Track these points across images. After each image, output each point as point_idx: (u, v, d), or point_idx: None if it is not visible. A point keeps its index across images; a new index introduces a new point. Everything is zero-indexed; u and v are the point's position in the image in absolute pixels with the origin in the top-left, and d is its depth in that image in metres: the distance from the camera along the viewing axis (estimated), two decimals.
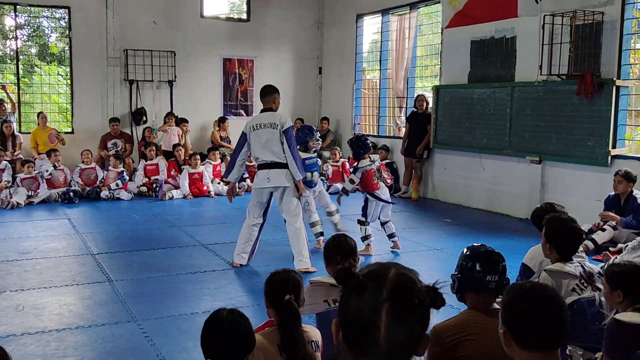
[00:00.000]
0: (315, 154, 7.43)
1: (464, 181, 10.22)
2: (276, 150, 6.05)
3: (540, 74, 8.44)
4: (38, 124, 11.49)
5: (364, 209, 6.96)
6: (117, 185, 10.37)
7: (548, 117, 8.56)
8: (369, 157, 7.01)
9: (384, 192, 6.94)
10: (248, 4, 13.46)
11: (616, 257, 5.56)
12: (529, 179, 8.96)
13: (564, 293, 3.24)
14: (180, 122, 12.08)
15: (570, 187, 8.39)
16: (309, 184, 6.91)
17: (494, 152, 9.48)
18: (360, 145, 7.04)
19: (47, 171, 10.16)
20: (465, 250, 2.87)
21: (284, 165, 6.06)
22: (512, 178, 9.27)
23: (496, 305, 2.74)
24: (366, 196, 6.97)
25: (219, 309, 2.50)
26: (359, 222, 6.98)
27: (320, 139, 7.47)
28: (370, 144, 7.23)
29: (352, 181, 6.98)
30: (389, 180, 7.14)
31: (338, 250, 3.47)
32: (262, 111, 6.28)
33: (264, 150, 6.08)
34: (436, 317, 2.75)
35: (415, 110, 10.98)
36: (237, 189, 6.77)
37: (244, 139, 6.20)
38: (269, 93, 6.25)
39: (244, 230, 6.28)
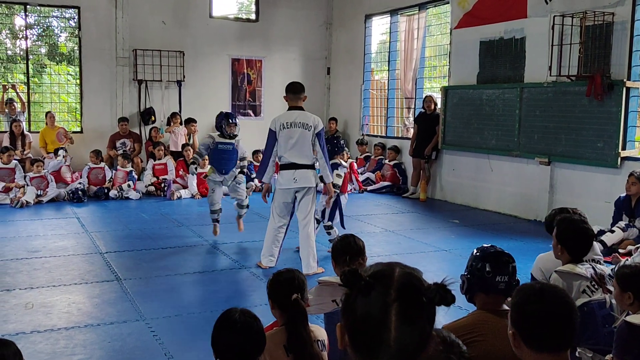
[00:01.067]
0: (233, 140, 7.34)
1: (473, 182, 10.19)
2: (306, 152, 5.95)
3: (550, 75, 8.40)
4: (46, 124, 11.55)
5: (332, 212, 6.86)
6: (128, 186, 10.40)
7: (557, 119, 8.53)
8: (340, 160, 7.02)
9: (345, 198, 7.12)
10: (257, 4, 13.47)
11: (627, 259, 5.53)
12: (537, 181, 8.92)
13: (574, 295, 3.23)
14: (189, 122, 12.11)
15: (579, 188, 8.35)
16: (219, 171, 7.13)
17: (503, 153, 9.45)
18: (334, 144, 7.05)
19: (63, 160, 10.26)
20: (475, 250, 2.86)
21: (310, 167, 6.00)
22: (521, 179, 9.24)
23: (506, 307, 2.72)
24: (336, 198, 6.94)
25: (230, 309, 2.48)
26: (327, 227, 6.89)
27: (237, 125, 7.52)
28: (343, 148, 7.23)
29: (339, 175, 6.87)
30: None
31: (347, 251, 3.45)
32: (290, 109, 6.07)
33: (293, 150, 5.93)
34: (445, 318, 2.75)
35: (423, 111, 10.96)
36: (255, 188, 6.83)
37: (273, 137, 6.00)
38: (300, 90, 6.09)
39: (270, 232, 6.17)
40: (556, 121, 8.55)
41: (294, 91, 6.10)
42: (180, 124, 12.12)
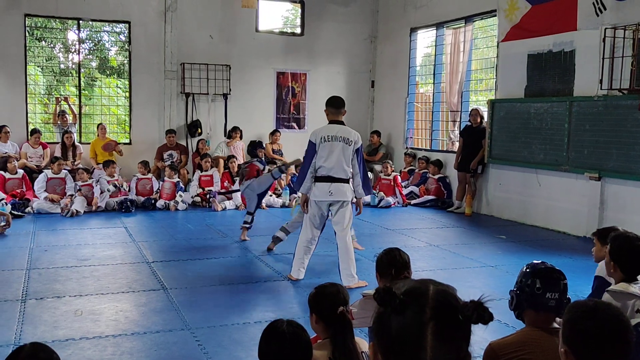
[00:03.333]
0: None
1: (520, 197, 10.01)
2: (345, 166, 5.96)
3: (601, 89, 8.22)
4: (97, 135, 11.86)
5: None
6: (180, 196, 10.56)
7: (608, 133, 8.33)
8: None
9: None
10: (302, 18, 13.60)
11: None
12: (587, 196, 8.71)
13: (628, 314, 3.12)
14: (232, 131, 12.37)
15: (631, 204, 8.11)
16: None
17: (551, 168, 9.27)
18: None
19: (108, 190, 10.39)
20: (524, 267, 2.81)
21: (346, 181, 6.02)
22: (570, 195, 9.03)
23: (556, 325, 2.66)
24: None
25: (277, 320, 2.48)
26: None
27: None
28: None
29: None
30: None
31: (392, 264, 3.43)
32: (331, 122, 6.09)
33: (333, 163, 5.94)
34: (492, 335, 2.71)
35: (469, 124, 10.85)
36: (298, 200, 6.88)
37: (313, 149, 6.01)
38: (342, 105, 6.12)
39: (303, 243, 6.17)
40: (607, 135, 8.35)
41: (336, 105, 6.11)
42: (241, 137, 12.36)
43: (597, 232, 3.92)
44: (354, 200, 6.21)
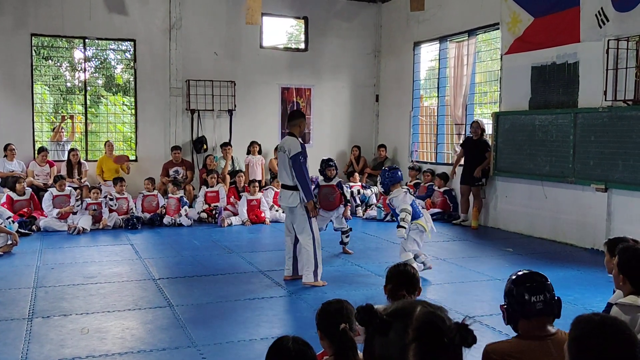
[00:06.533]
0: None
1: (526, 209, 9.97)
2: (284, 174, 6.64)
3: (605, 100, 8.22)
4: (105, 153, 11.91)
5: None
6: (185, 211, 10.62)
7: (614, 144, 8.31)
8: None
9: None
10: (306, 34, 13.68)
11: None
12: (594, 208, 8.67)
13: (637, 328, 3.09)
14: (224, 145, 12.37)
15: (638, 215, 8.06)
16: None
17: (557, 180, 9.24)
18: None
19: (113, 201, 10.43)
20: (507, 282, 2.88)
21: (291, 187, 6.59)
22: (577, 206, 9.00)
23: (550, 329, 2.67)
24: None
25: (282, 337, 2.48)
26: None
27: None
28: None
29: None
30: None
31: (397, 278, 3.43)
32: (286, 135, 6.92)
33: (280, 172, 6.76)
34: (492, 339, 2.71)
35: (470, 136, 10.84)
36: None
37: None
38: (291, 119, 6.79)
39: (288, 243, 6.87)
40: (613, 147, 8.33)
41: (288, 119, 6.91)
42: (259, 152, 12.41)
43: (607, 242, 3.94)
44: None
